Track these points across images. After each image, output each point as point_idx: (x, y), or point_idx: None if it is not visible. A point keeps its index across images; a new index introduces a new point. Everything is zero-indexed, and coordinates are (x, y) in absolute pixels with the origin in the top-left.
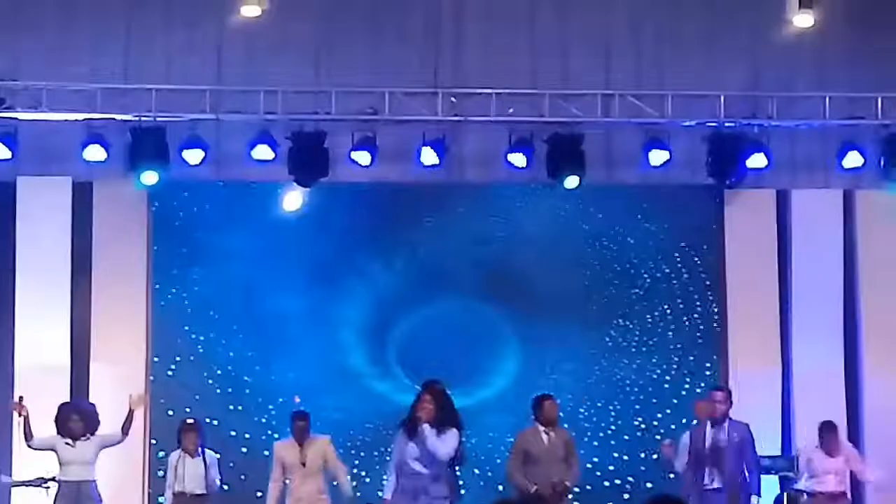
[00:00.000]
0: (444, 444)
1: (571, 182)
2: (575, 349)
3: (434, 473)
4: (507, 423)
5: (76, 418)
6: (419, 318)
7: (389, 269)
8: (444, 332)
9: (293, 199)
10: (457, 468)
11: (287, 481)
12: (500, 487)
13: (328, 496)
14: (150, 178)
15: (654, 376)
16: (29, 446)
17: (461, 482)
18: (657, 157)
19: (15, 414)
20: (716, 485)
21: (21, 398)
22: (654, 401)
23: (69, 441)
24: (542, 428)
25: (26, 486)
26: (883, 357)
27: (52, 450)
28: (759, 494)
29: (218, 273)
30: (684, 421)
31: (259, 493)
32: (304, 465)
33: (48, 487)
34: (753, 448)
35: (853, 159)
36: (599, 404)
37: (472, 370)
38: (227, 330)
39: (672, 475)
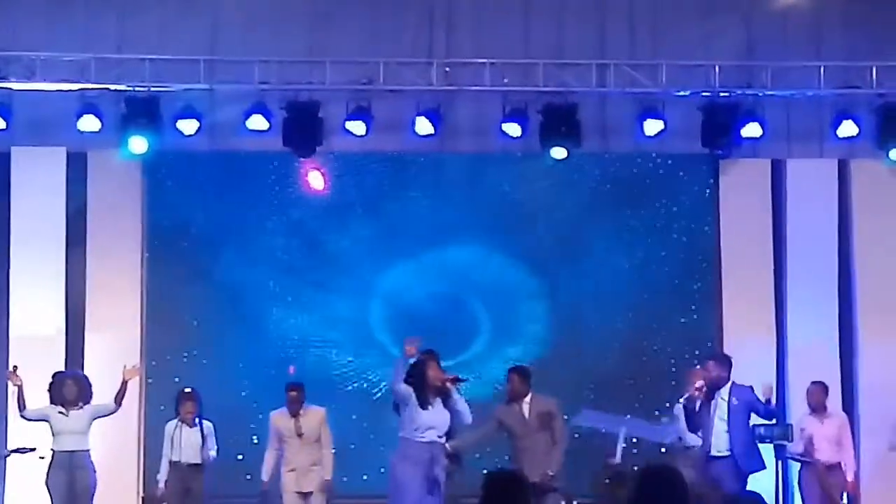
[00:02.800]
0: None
1: (559, 153)
2: (565, 320)
3: (443, 442)
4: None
5: (70, 383)
6: (412, 286)
7: (383, 238)
8: (435, 300)
9: (317, 179)
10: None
11: (281, 451)
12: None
13: (321, 467)
14: (138, 144)
15: (654, 348)
16: (22, 416)
17: None
18: (652, 126)
19: (9, 383)
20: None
21: (15, 367)
22: (649, 370)
23: (62, 410)
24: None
25: (16, 453)
26: (878, 326)
27: (46, 420)
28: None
29: (212, 242)
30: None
31: (240, 457)
32: (300, 435)
33: (33, 450)
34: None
35: (848, 129)
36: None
37: (462, 338)
38: (220, 299)
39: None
